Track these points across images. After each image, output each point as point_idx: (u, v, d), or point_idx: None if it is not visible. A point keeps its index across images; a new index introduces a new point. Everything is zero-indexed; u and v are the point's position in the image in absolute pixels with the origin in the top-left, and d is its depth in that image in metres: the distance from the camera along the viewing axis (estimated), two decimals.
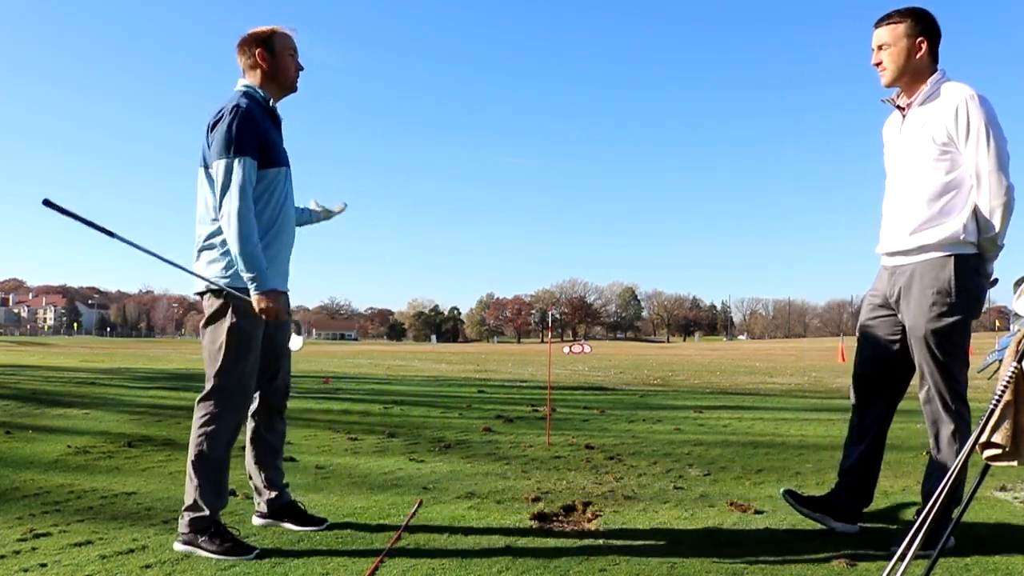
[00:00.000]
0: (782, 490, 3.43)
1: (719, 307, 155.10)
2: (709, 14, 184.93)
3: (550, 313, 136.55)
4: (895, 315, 3.16)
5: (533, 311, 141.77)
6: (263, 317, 2.93)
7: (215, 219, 2.97)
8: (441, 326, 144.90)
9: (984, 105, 2.90)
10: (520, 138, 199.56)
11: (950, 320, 2.95)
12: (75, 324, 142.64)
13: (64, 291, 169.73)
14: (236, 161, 2.84)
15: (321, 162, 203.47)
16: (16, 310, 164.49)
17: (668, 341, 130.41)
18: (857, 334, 3.35)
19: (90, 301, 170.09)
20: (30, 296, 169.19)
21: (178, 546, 2.91)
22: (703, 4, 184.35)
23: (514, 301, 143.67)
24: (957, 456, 2.96)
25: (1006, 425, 2.25)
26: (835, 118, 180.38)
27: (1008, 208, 2.91)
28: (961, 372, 3.04)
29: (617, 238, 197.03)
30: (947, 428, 3.01)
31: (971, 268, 2.97)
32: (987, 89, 2.91)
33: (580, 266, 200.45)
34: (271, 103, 3.08)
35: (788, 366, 23.58)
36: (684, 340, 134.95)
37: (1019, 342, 2.26)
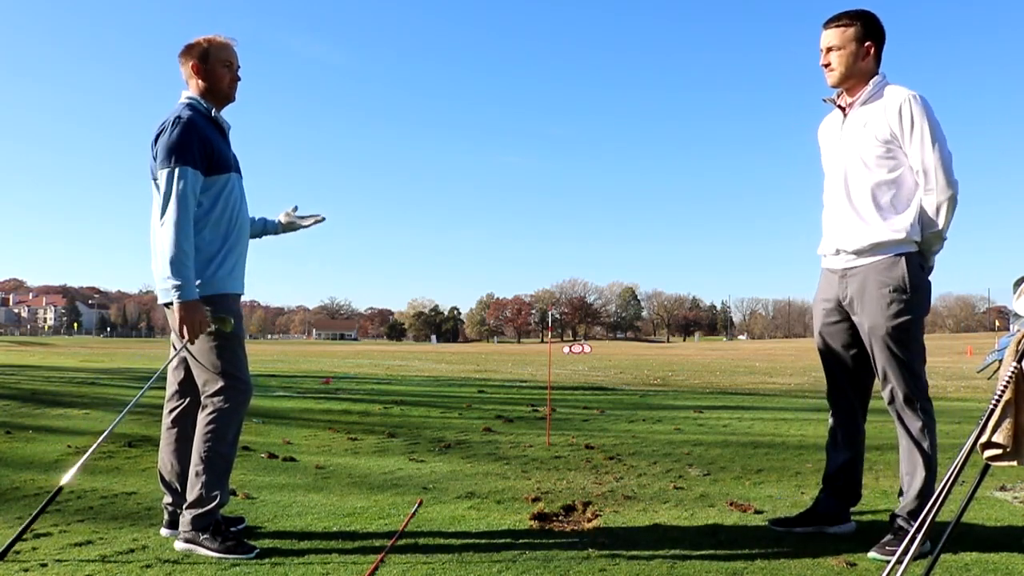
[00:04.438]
0: (768, 521, 3.39)
1: (719, 307, 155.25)
2: (710, 13, 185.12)
3: (550, 313, 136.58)
4: (849, 319, 3.17)
5: (533, 311, 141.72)
6: (183, 331, 2.88)
7: None
8: (441, 326, 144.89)
9: (926, 105, 2.97)
10: (521, 138, 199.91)
11: (908, 316, 3.00)
12: (75, 324, 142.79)
13: (64, 291, 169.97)
14: (177, 170, 2.88)
15: (320, 161, 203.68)
16: (16, 310, 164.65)
17: (668, 341, 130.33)
18: (817, 342, 3.33)
19: (90, 301, 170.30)
20: (30, 296, 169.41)
21: (179, 545, 2.92)
22: (703, 3, 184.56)
23: (514, 301, 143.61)
24: (930, 451, 3.01)
25: (1006, 425, 2.25)
26: None
27: (954, 203, 2.98)
28: (921, 368, 3.07)
29: (617, 238, 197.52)
30: (916, 424, 3.04)
31: (918, 264, 3.03)
32: (932, 92, 2.96)
33: (580, 266, 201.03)
34: (213, 113, 3.10)
35: (788, 366, 23.58)
36: (684, 340, 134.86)
37: (1019, 342, 2.26)
